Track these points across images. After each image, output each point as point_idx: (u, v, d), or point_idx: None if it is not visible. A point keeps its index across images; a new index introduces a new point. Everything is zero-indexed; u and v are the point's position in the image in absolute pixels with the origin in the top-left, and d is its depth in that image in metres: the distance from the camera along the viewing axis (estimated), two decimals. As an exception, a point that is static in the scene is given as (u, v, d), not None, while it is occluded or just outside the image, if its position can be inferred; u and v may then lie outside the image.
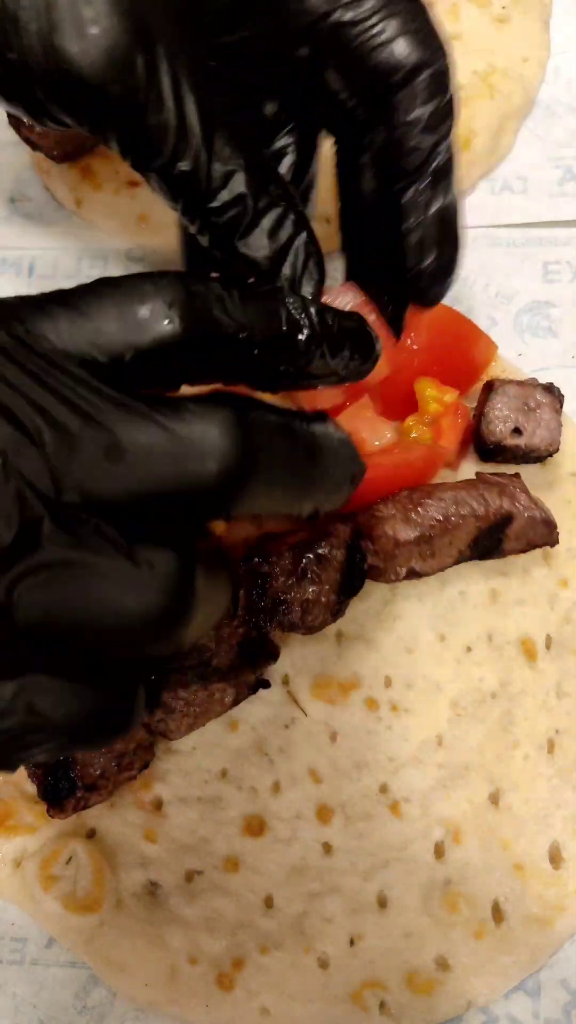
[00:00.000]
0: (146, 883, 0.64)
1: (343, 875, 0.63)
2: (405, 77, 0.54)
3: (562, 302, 0.81)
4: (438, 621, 0.68)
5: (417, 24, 0.55)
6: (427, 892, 0.63)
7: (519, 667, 0.68)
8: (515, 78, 0.87)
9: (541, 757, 0.66)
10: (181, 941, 0.62)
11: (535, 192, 0.85)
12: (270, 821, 0.64)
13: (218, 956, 0.62)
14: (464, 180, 0.85)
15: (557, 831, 0.64)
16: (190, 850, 0.64)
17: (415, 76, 0.54)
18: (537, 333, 0.80)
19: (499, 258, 0.83)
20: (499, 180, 0.86)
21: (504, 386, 0.71)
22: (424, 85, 0.55)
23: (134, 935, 0.63)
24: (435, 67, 0.55)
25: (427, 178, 0.57)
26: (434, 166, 0.57)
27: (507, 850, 0.64)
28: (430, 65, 0.55)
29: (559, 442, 0.71)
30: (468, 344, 0.74)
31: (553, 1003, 0.63)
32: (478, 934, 0.62)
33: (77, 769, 0.59)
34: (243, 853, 0.64)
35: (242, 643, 0.63)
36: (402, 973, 0.62)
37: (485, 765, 0.65)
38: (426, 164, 0.56)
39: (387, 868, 0.63)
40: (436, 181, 0.57)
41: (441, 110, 0.55)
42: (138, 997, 0.62)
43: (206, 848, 0.64)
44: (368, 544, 0.63)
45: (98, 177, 0.86)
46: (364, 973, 0.62)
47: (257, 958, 0.62)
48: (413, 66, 0.54)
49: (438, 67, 0.55)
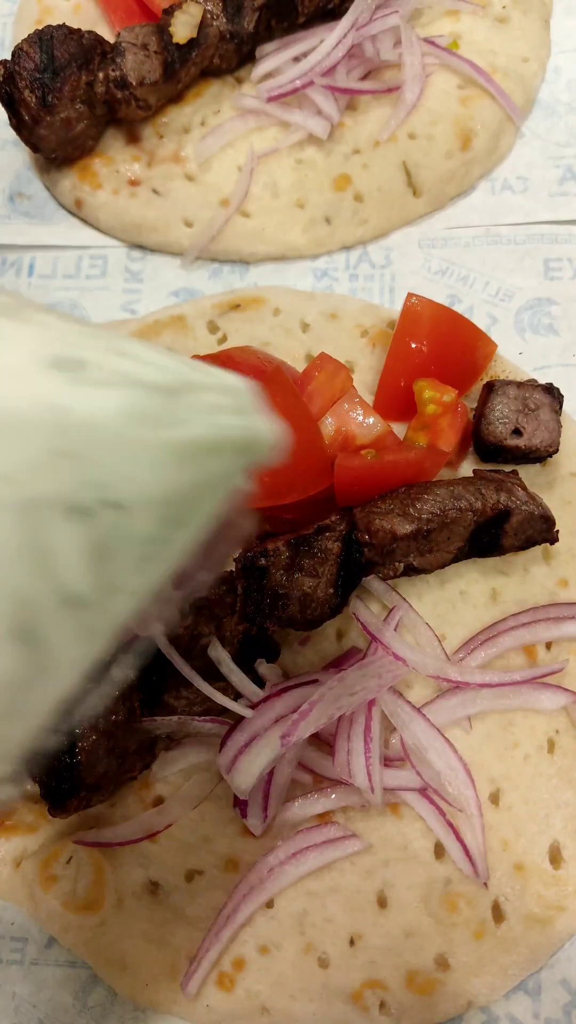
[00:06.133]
0: (147, 883, 0.64)
1: (343, 874, 0.63)
2: None
3: (563, 299, 0.81)
4: (439, 621, 0.68)
5: None
6: (427, 892, 0.63)
7: (520, 666, 0.68)
8: (515, 78, 0.87)
9: (541, 757, 0.66)
10: (182, 941, 0.62)
11: (535, 191, 0.85)
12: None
13: (219, 956, 0.62)
14: (464, 180, 0.86)
15: (557, 831, 0.64)
16: (191, 849, 0.64)
17: None
18: (538, 331, 0.80)
19: (500, 256, 0.83)
20: (499, 179, 0.87)
21: (504, 387, 0.71)
22: None
23: (135, 935, 0.63)
24: None
25: None
26: None
27: (507, 850, 0.64)
28: None
29: (559, 442, 0.71)
30: (467, 344, 0.74)
31: (553, 1003, 0.62)
32: (478, 934, 0.62)
33: (79, 769, 0.59)
34: (243, 853, 0.64)
35: (242, 641, 0.63)
36: (402, 973, 0.61)
37: (485, 764, 0.65)
38: None
39: (387, 867, 0.63)
40: None
41: None
42: (139, 997, 0.62)
43: (207, 847, 0.64)
44: (365, 537, 0.63)
45: (98, 177, 0.86)
46: (364, 973, 0.62)
47: (257, 958, 0.62)
48: None
49: None
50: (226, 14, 0.84)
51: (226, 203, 0.84)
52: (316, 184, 0.84)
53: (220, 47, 0.85)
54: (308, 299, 0.81)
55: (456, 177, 0.85)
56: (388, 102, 0.86)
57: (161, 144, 0.86)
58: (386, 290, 0.83)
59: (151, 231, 0.85)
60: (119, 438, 0.34)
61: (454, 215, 0.86)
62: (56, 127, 0.81)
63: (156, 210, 0.85)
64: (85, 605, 0.35)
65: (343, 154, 0.85)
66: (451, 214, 0.86)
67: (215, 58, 0.86)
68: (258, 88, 0.86)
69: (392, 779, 0.63)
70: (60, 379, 0.34)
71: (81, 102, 0.81)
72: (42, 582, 0.34)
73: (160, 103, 0.85)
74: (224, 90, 0.88)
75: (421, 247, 0.85)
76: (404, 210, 0.85)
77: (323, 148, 0.85)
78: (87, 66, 0.80)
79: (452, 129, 0.85)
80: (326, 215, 0.84)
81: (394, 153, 0.84)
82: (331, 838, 0.63)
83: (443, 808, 0.63)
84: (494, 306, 0.81)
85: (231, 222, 0.84)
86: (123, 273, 0.86)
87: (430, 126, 0.85)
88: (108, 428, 0.34)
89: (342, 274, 0.84)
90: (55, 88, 0.79)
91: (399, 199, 0.84)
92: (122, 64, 0.81)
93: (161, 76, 0.82)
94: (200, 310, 0.81)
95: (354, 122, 0.86)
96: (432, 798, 0.63)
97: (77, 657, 0.37)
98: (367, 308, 0.80)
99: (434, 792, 0.63)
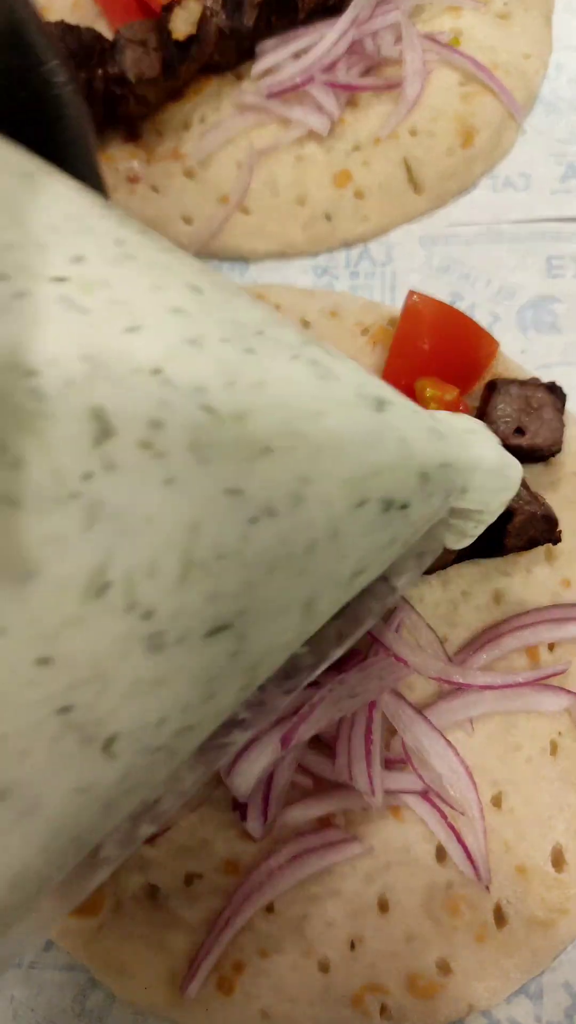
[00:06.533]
0: (145, 886, 0.63)
1: (344, 878, 0.63)
2: None
3: (566, 297, 0.80)
4: (440, 622, 0.68)
5: None
6: (428, 895, 0.62)
7: (522, 667, 0.67)
8: (517, 74, 0.86)
9: (544, 759, 0.65)
10: (181, 944, 0.62)
11: (538, 188, 0.85)
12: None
13: (218, 960, 0.61)
14: (466, 177, 0.85)
15: (559, 833, 0.64)
16: (190, 853, 0.63)
17: None
18: (541, 329, 0.80)
19: (502, 254, 0.83)
20: (501, 177, 0.86)
21: (506, 386, 0.70)
22: None
23: (134, 938, 0.62)
24: None
25: None
26: None
27: (509, 852, 0.63)
28: None
29: (561, 441, 0.70)
30: (469, 342, 0.74)
31: (555, 1006, 0.62)
32: (480, 937, 0.62)
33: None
34: (242, 856, 0.63)
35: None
36: (403, 976, 0.61)
37: (487, 767, 0.65)
38: None
39: (388, 871, 0.63)
40: None
41: None
42: (138, 1000, 0.62)
43: (206, 851, 0.63)
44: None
45: (97, 174, 0.85)
46: (365, 976, 0.61)
47: (257, 961, 0.61)
48: None
49: None
50: (226, 11, 0.83)
51: (225, 200, 0.83)
52: (316, 181, 0.84)
53: (220, 44, 0.84)
54: (308, 297, 0.81)
55: (458, 174, 0.84)
56: (389, 99, 0.85)
57: (160, 141, 0.86)
58: (387, 288, 0.83)
59: (150, 228, 0.84)
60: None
61: (456, 212, 0.85)
62: (54, 124, 0.81)
63: (155, 207, 0.84)
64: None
65: (344, 151, 0.84)
66: (453, 211, 0.85)
67: (215, 55, 0.85)
68: (258, 84, 0.85)
69: (393, 782, 0.62)
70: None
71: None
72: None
73: (159, 100, 0.85)
74: (224, 87, 0.88)
75: (422, 244, 0.84)
76: (405, 207, 0.84)
77: (323, 144, 0.84)
78: (86, 63, 0.79)
79: (453, 126, 0.84)
80: (326, 212, 0.83)
81: (395, 150, 0.84)
82: (331, 841, 0.62)
83: (445, 811, 0.63)
84: (496, 304, 0.81)
85: (231, 219, 0.83)
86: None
87: (431, 123, 0.84)
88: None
89: (342, 271, 0.84)
90: (53, 85, 0.78)
91: (400, 196, 0.84)
92: (121, 61, 0.80)
93: (160, 73, 0.81)
94: (199, 308, 0.80)
95: (355, 118, 0.85)
96: (434, 801, 0.63)
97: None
98: (368, 306, 0.80)
99: (435, 795, 0.62)
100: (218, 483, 0.33)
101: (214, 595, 0.34)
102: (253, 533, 0.34)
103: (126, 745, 0.34)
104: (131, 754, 0.34)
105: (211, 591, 0.34)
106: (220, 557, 0.33)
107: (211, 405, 0.33)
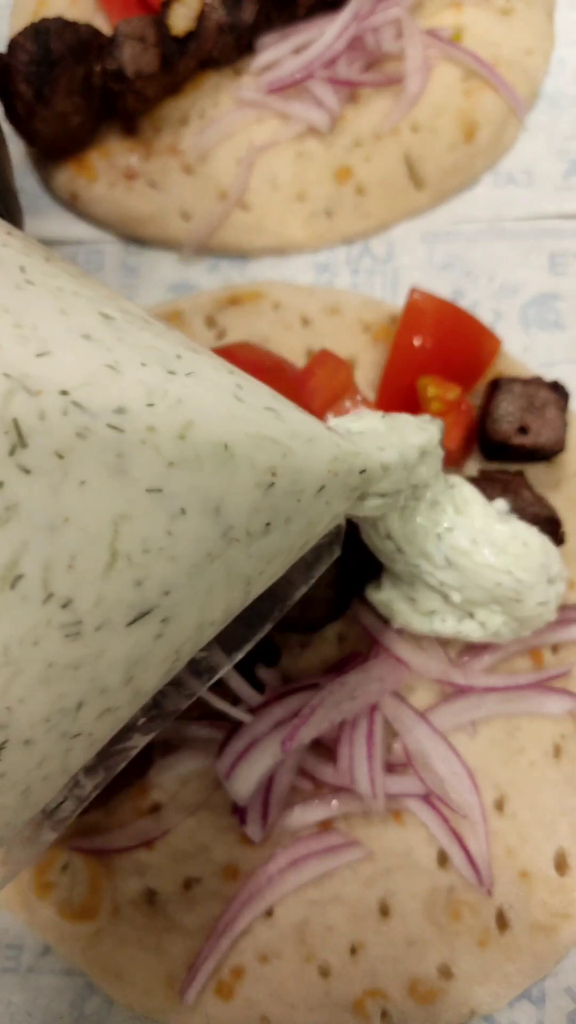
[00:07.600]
0: (144, 890, 0.63)
1: (344, 882, 0.62)
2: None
3: (569, 295, 0.80)
4: (441, 623, 0.67)
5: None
6: (430, 900, 0.62)
7: (525, 669, 0.66)
8: (519, 70, 0.86)
9: (547, 762, 0.64)
10: (179, 949, 0.61)
11: (540, 184, 0.84)
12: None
13: (217, 965, 0.61)
14: (468, 173, 0.84)
15: (563, 837, 0.63)
16: (188, 857, 0.63)
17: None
18: (544, 326, 0.79)
19: (504, 251, 0.82)
20: (503, 173, 0.85)
21: (509, 384, 0.70)
22: None
23: (132, 943, 0.62)
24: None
25: None
26: None
27: (512, 857, 0.62)
28: None
29: (564, 440, 0.69)
30: (472, 340, 0.73)
31: (558, 1011, 0.61)
32: (482, 942, 0.61)
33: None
34: (242, 861, 0.63)
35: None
36: (404, 981, 0.60)
37: (490, 770, 0.64)
38: None
39: (389, 875, 0.62)
40: None
41: None
42: (136, 1005, 0.61)
43: (205, 855, 0.63)
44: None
45: (94, 170, 0.84)
46: (366, 982, 0.61)
47: (257, 967, 0.61)
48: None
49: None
50: (225, 6, 0.82)
51: (225, 196, 0.83)
52: (317, 177, 0.83)
53: (219, 39, 0.84)
54: (308, 294, 0.80)
55: (459, 170, 0.84)
56: (390, 94, 0.84)
57: (158, 136, 0.85)
58: (388, 285, 0.82)
59: (148, 224, 0.84)
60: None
61: (458, 208, 0.84)
62: (52, 120, 0.80)
63: (153, 203, 0.83)
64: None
65: (344, 146, 0.83)
66: (455, 207, 0.84)
67: (214, 50, 0.84)
68: (258, 80, 0.84)
69: (395, 785, 0.62)
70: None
71: (77, 95, 0.79)
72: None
73: (158, 95, 0.84)
74: (223, 82, 0.87)
75: (424, 241, 0.83)
76: (407, 203, 0.84)
77: (324, 140, 0.84)
78: (84, 59, 0.79)
79: (455, 122, 0.83)
80: (327, 208, 0.83)
81: (396, 145, 0.83)
82: (332, 846, 0.62)
83: (447, 815, 0.62)
84: (499, 301, 0.80)
85: (230, 215, 0.83)
86: (119, 268, 0.85)
87: (433, 118, 0.83)
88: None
89: (343, 268, 0.83)
90: (51, 81, 0.77)
91: (402, 192, 0.83)
92: (119, 56, 0.79)
93: (159, 68, 0.81)
94: (198, 305, 0.79)
95: (355, 114, 0.84)
96: (436, 805, 0.62)
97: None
98: (369, 303, 0.79)
99: (437, 799, 0.62)
100: (139, 484, 0.36)
101: (140, 582, 0.37)
102: (177, 527, 0.38)
103: (42, 731, 0.36)
104: (48, 741, 0.37)
105: (137, 579, 0.36)
106: (146, 550, 0.37)
107: (129, 422, 0.36)
